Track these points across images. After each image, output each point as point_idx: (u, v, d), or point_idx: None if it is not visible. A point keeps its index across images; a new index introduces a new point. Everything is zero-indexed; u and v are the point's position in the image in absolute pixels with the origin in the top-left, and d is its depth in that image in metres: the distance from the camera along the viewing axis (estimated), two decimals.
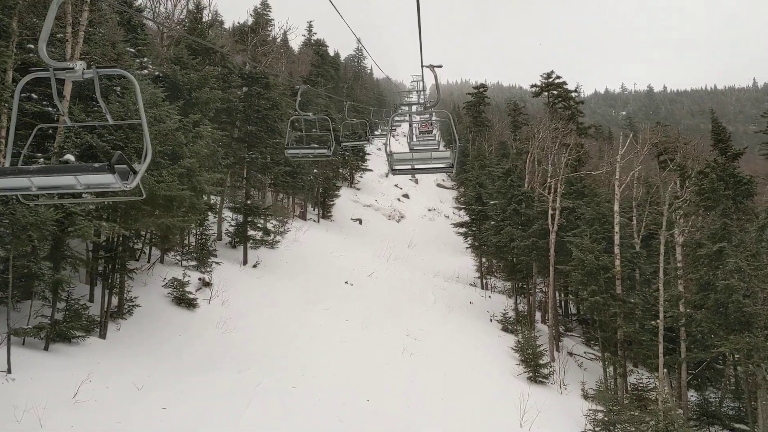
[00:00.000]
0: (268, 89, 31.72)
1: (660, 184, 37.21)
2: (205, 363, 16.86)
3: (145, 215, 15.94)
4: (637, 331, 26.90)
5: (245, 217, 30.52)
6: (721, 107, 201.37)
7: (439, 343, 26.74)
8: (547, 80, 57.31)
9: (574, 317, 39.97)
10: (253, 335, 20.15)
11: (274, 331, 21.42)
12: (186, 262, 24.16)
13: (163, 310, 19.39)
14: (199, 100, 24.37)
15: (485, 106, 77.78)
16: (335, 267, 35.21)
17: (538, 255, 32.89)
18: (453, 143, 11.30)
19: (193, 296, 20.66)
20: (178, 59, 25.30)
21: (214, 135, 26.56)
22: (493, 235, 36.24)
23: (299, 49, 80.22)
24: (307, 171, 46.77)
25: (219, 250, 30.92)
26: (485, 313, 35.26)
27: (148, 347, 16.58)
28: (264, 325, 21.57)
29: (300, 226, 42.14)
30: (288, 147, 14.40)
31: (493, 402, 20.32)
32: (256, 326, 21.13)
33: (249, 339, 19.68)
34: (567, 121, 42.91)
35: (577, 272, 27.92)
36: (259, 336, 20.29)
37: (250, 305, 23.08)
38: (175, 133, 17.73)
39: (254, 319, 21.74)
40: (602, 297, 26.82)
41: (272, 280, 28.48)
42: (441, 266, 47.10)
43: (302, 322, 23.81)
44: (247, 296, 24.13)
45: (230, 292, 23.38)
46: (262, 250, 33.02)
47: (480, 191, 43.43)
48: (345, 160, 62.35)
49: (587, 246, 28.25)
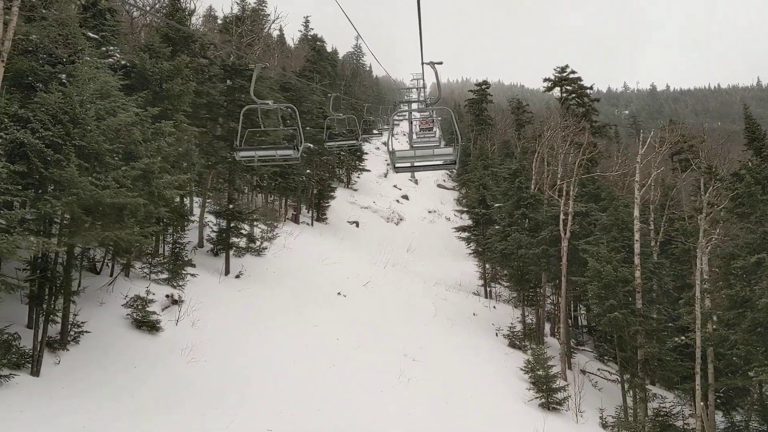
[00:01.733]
0: (249, 81, 28.87)
1: (681, 187, 34.56)
2: (161, 403, 14.11)
3: (87, 228, 13.15)
4: (662, 350, 24.17)
5: (228, 223, 27.75)
6: (725, 107, 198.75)
7: (440, 364, 24.01)
8: (560, 74, 54.40)
9: (584, 329, 37.22)
10: (224, 363, 17.38)
11: (251, 356, 18.65)
12: (156, 274, 21.38)
13: (120, 336, 16.63)
14: (171, 93, 21.60)
15: (488, 104, 74.96)
16: (327, 276, 32.44)
17: (549, 264, 30.13)
18: (455, 140, 10.12)
19: (157, 317, 17.89)
20: (148, 47, 22.53)
21: (188, 132, 23.90)
22: (499, 241, 33.48)
23: (296, 45, 77.55)
24: (299, 171, 43.99)
25: (199, 258, 28.19)
26: (490, 326, 32.51)
27: (93, 384, 13.83)
28: (239, 349, 18.79)
29: (291, 230, 39.37)
30: (239, 148, 11.34)
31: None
32: (230, 351, 18.36)
33: (219, 368, 16.92)
34: (580, 119, 40.08)
35: (594, 284, 25.15)
36: (232, 364, 17.53)
37: (225, 325, 20.30)
38: (130, 129, 14.98)
39: (228, 343, 18.96)
40: (622, 313, 24.07)
41: (255, 292, 25.70)
42: (442, 273, 44.37)
43: (285, 342, 21.05)
44: (223, 314, 21.35)
45: (204, 309, 20.61)
46: (248, 258, 30.25)
47: (484, 193, 40.68)
48: (341, 160, 59.55)
49: (604, 255, 25.51)
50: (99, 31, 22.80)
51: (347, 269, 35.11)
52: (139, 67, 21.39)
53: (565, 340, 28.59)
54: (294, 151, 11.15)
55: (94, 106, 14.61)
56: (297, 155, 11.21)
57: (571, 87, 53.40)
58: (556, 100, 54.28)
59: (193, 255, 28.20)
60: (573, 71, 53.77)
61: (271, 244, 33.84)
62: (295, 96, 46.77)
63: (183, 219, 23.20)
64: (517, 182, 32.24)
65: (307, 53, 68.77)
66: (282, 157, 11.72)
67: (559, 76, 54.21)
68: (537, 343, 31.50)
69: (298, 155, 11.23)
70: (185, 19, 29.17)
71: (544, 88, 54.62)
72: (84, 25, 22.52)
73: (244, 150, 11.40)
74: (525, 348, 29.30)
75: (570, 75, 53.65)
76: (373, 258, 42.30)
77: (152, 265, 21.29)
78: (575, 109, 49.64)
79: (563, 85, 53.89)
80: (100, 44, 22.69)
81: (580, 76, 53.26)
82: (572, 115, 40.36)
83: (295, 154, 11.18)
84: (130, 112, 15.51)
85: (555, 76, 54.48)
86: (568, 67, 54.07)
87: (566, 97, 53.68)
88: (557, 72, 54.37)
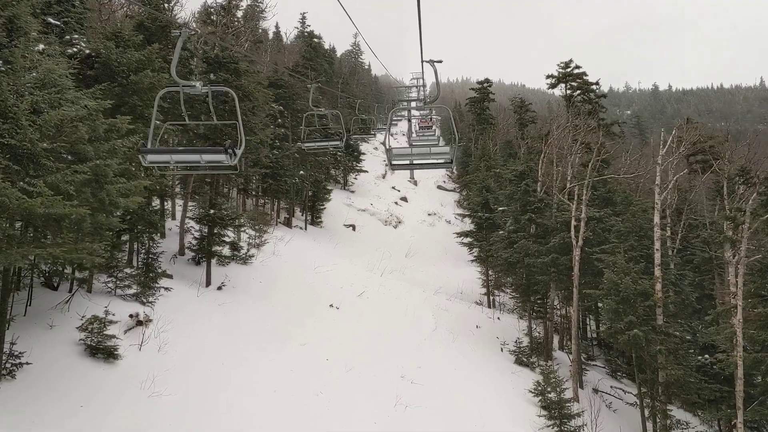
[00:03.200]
0: (238, 77, 26.59)
1: (701, 190, 32.23)
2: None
3: (14, 244, 10.80)
4: (687, 372, 21.83)
5: (210, 230, 25.40)
6: (728, 106, 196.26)
7: (441, 387, 21.65)
8: (564, 70, 51.86)
9: (593, 341, 34.86)
10: (192, 396, 15.03)
11: (225, 385, 16.30)
12: (123, 290, 19.03)
13: (69, 367, 14.28)
14: (140, 86, 19.26)
15: (489, 103, 72.56)
16: (319, 286, 30.11)
17: (558, 273, 27.77)
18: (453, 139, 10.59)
19: (116, 341, 15.52)
20: (115, 34, 20.18)
21: (158, 131, 21.55)
22: (504, 248, 31.09)
23: (291, 42, 75.19)
24: (292, 173, 41.67)
25: (178, 268, 25.90)
26: (494, 339, 30.17)
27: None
28: (211, 377, 16.45)
29: (282, 235, 37.01)
30: (147, 150, 8.69)
31: None
32: (200, 381, 16.02)
33: (185, 403, 14.57)
34: (587, 117, 37.68)
35: (611, 299, 22.80)
36: (201, 397, 15.18)
37: (197, 348, 17.95)
38: (75, 125, 12.63)
39: (199, 370, 16.62)
40: (642, 330, 21.72)
41: (238, 306, 23.37)
42: (442, 279, 42.03)
43: (268, 367, 18.70)
44: (197, 334, 19.01)
45: (175, 329, 18.27)
46: (232, 267, 27.92)
47: (487, 196, 38.31)
48: (337, 161, 57.18)
49: (622, 266, 23.17)
50: (62, 17, 20.58)
51: (341, 278, 32.78)
52: (104, 57, 19.07)
53: (576, 358, 26.23)
54: (227, 156, 7.45)
55: (32, 98, 12.29)
56: (232, 162, 7.57)
57: (576, 83, 50.89)
58: (561, 98, 51.80)
59: (172, 264, 25.96)
60: (578, 66, 51.27)
61: (259, 251, 31.53)
62: (288, 93, 44.46)
63: (154, 227, 20.75)
64: (524, 185, 29.85)
65: (302, 49, 66.39)
66: (210, 164, 8.23)
67: (563, 71, 51.67)
68: (545, 358, 29.23)
69: (234, 162, 7.63)
70: (162, 5, 26.79)
71: (547, 84, 52.28)
72: (47, 12, 20.37)
73: (155, 153, 8.29)
74: (533, 365, 26.98)
75: (575, 70, 51.15)
76: (370, 264, 39.99)
77: (118, 279, 18.93)
78: (581, 106, 47.19)
79: (568, 81, 51.35)
80: (63, 31, 20.50)
81: (585, 71, 50.76)
82: (577, 113, 37.88)
83: (230, 160, 7.50)
84: (78, 106, 13.17)
85: (559, 71, 51.90)
86: (572, 62, 51.59)
87: (571, 93, 51.23)
88: (561, 67, 51.83)
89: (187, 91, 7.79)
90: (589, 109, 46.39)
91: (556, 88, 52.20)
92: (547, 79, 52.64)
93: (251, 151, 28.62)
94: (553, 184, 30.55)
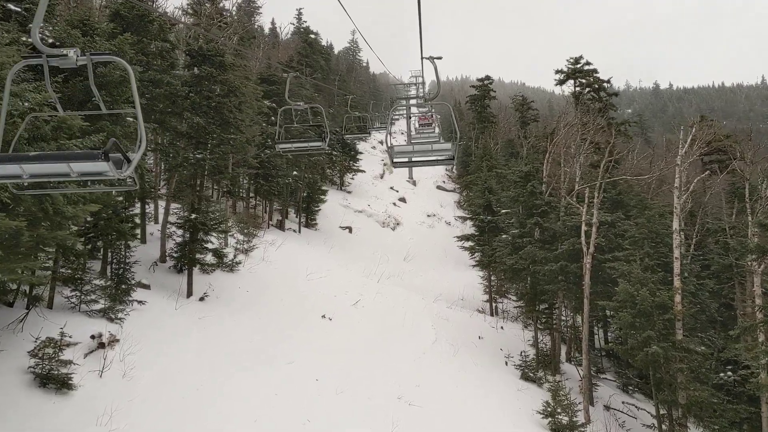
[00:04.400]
0: (224, 70, 24.67)
1: (717, 192, 30.38)
2: None
3: None
4: (710, 392, 19.95)
5: (191, 235, 23.50)
6: (730, 105, 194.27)
7: (441, 409, 19.79)
8: (574, 66, 49.82)
9: (602, 352, 32.96)
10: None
11: (197, 416, 14.41)
12: (88, 305, 17.12)
13: (13, 401, 12.37)
14: (109, 80, 17.36)
15: (490, 101, 70.63)
16: (311, 294, 28.21)
17: (567, 283, 25.89)
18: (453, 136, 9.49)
19: (73, 368, 13.60)
20: (82, 22, 18.27)
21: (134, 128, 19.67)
22: (509, 254, 29.19)
23: (286, 37, 73.27)
24: (284, 173, 39.75)
25: (158, 276, 24.02)
26: (498, 352, 28.29)
27: None
28: (183, 407, 14.55)
29: (274, 239, 35.07)
30: None
31: None
32: (168, 412, 14.13)
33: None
34: (597, 115, 35.76)
35: (626, 311, 20.94)
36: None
37: (170, 371, 16.06)
38: (15, 121, 10.75)
39: (169, 399, 14.73)
40: (661, 347, 19.87)
41: (220, 320, 21.49)
42: (442, 285, 40.14)
43: (250, 391, 16.81)
44: (171, 354, 17.12)
45: (146, 349, 16.38)
46: (217, 276, 26.02)
47: (489, 198, 36.42)
48: (332, 161, 55.24)
49: (638, 276, 21.32)
50: (25, 3, 18.68)
51: (335, 285, 30.88)
52: (68, 47, 17.15)
53: (587, 374, 24.37)
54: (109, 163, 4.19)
55: None
56: (123, 173, 4.38)
57: (586, 80, 48.89)
58: (570, 95, 49.75)
59: (151, 273, 24.07)
60: (588, 62, 49.24)
61: (247, 257, 29.64)
62: (281, 90, 42.49)
63: (122, 235, 18.84)
64: (530, 186, 27.95)
65: (298, 45, 64.49)
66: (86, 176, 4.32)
67: (573, 67, 49.64)
68: (553, 372, 27.41)
69: (126, 173, 4.44)
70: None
71: (555, 80, 50.20)
72: None
73: None
74: (540, 381, 25.12)
75: (585, 66, 49.15)
76: (366, 270, 38.09)
77: (83, 292, 17.03)
78: (590, 104, 45.25)
79: (577, 78, 49.35)
80: (25, 19, 18.60)
81: (596, 68, 48.78)
82: (587, 111, 35.96)
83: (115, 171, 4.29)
84: (22, 99, 11.28)
85: (568, 67, 49.80)
86: (582, 58, 49.53)
87: (580, 91, 49.23)
88: (570, 63, 49.81)
89: (55, 64, 4.62)
90: (600, 108, 44.45)
91: (564, 85, 50.19)
92: (555, 75, 50.58)
93: (237, 150, 26.70)
94: (561, 186, 28.64)
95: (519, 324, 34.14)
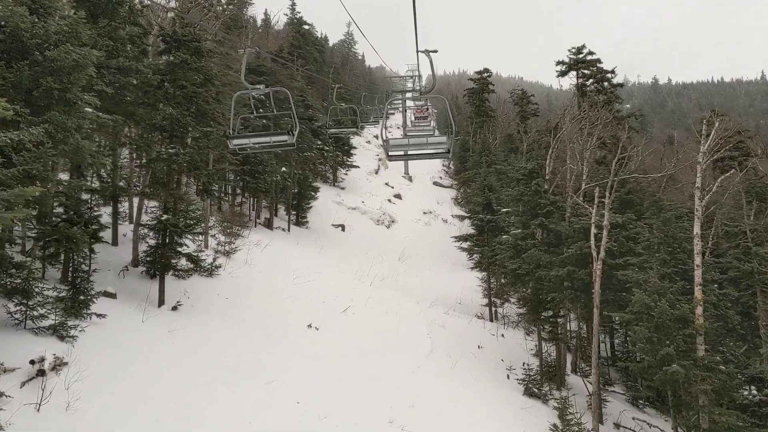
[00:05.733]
0: (200, 57, 22.49)
1: (741, 192, 28.37)
2: None
3: None
4: (737, 416, 17.93)
5: (163, 239, 21.39)
6: (729, 101, 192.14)
7: None
8: (576, 56, 47.51)
9: (608, 362, 30.98)
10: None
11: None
12: (36, 320, 14.99)
13: None
14: (61, 65, 15.21)
15: (489, 94, 68.44)
16: (298, 300, 26.16)
17: (575, 290, 23.84)
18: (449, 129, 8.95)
19: (4, 402, 11.50)
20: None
21: (99, 121, 17.62)
22: (510, 258, 27.12)
23: (278, 28, 70.93)
24: (273, 169, 37.63)
25: (129, 282, 21.92)
26: (499, 363, 26.25)
27: None
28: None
29: (260, 239, 32.95)
30: None
31: None
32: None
33: None
34: (601, 108, 33.61)
35: (642, 325, 18.91)
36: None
37: (127, 397, 13.94)
38: None
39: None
40: (682, 365, 17.84)
41: (193, 333, 19.38)
42: (439, 287, 38.17)
43: (220, 419, 14.74)
44: (131, 376, 14.99)
45: (100, 372, 14.28)
46: (194, 281, 23.95)
47: (489, 196, 34.32)
48: (324, 157, 53.04)
49: (655, 285, 19.28)
50: None
51: (325, 289, 28.83)
52: (11, 26, 14.99)
53: (596, 390, 22.36)
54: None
55: None
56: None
57: (589, 71, 46.67)
58: (572, 87, 47.62)
59: (121, 279, 22.00)
60: (591, 52, 46.97)
61: (229, 260, 27.54)
62: (270, 81, 40.40)
63: (73, 243, 16.69)
64: (534, 185, 25.84)
65: (290, 36, 62.21)
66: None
67: (575, 58, 47.37)
68: (558, 385, 25.43)
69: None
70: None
71: (557, 72, 47.91)
72: None
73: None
74: (546, 397, 23.09)
75: (588, 57, 46.91)
76: (359, 271, 36.06)
77: (29, 306, 14.88)
78: (594, 96, 43.08)
79: (579, 69, 47.09)
80: None
81: (599, 58, 46.56)
82: (592, 104, 33.86)
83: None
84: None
85: (570, 57, 47.48)
86: (584, 48, 47.25)
87: (583, 82, 47.00)
88: (572, 53, 47.53)
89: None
90: (604, 100, 42.27)
91: (566, 76, 47.90)
92: (556, 66, 48.28)
93: (216, 145, 24.55)
94: (567, 184, 26.57)
95: (520, 331, 32.14)
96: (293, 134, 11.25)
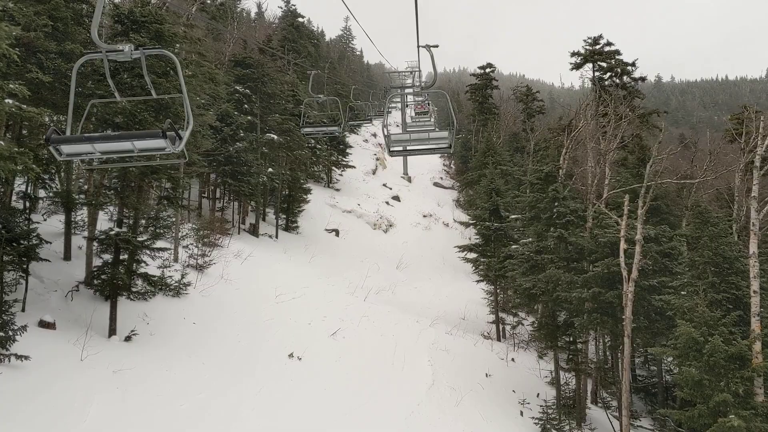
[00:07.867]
0: (162, 42, 19.12)
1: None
2: None
3: None
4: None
5: (116, 255, 18.02)
6: (734, 99, 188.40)
7: None
8: (592, 47, 43.86)
9: (633, 389, 27.60)
10: None
11: None
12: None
13: None
14: None
15: (492, 90, 65.07)
16: (279, 323, 22.80)
17: (601, 314, 20.45)
18: (450, 124, 8.22)
19: None
20: None
21: (26, 115, 14.31)
22: (523, 274, 23.73)
23: (270, 21, 67.55)
24: (258, 170, 34.26)
25: (76, 306, 18.58)
26: (511, 395, 22.90)
27: None
28: None
29: (241, 248, 29.53)
30: None
31: None
32: None
33: None
34: (621, 104, 30.21)
35: (690, 364, 15.57)
36: None
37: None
38: None
39: None
40: (741, 416, 14.52)
41: (146, 371, 16.02)
42: (441, 300, 34.87)
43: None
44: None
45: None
46: (158, 302, 20.59)
47: (497, 201, 30.93)
48: (317, 156, 49.66)
49: (704, 315, 15.93)
50: None
51: (312, 308, 25.47)
52: None
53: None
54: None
55: None
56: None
57: (607, 63, 43.13)
58: (588, 80, 44.10)
59: (67, 302, 18.64)
60: (609, 43, 43.37)
61: (201, 275, 24.17)
62: (257, 74, 37.02)
63: None
64: (552, 191, 22.45)
65: (283, 29, 58.84)
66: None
67: (591, 49, 43.76)
68: (578, 420, 22.11)
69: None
70: None
71: (571, 65, 44.33)
72: None
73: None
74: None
75: (605, 48, 43.34)
76: (352, 283, 32.67)
77: None
78: (613, 91, 39.59)
79: (596, 61, 43.52)
80: None
81: (618, 49, 42.95)
82: (613, 100, 30.46)
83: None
84: None
85: (585, 49, 43.83)
86: (602, 38, 43.66)
87: (600, 76, 43.47)
88: (588, 44, 43.93)
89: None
90: (624, 95, 38.78)
91: (581, 69, 44.27)
92: (571, 58, 44.61)
93: (188, 142, 21.13)
94: (589, 190, 23.19)
95: (532, 353, 28.78)
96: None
